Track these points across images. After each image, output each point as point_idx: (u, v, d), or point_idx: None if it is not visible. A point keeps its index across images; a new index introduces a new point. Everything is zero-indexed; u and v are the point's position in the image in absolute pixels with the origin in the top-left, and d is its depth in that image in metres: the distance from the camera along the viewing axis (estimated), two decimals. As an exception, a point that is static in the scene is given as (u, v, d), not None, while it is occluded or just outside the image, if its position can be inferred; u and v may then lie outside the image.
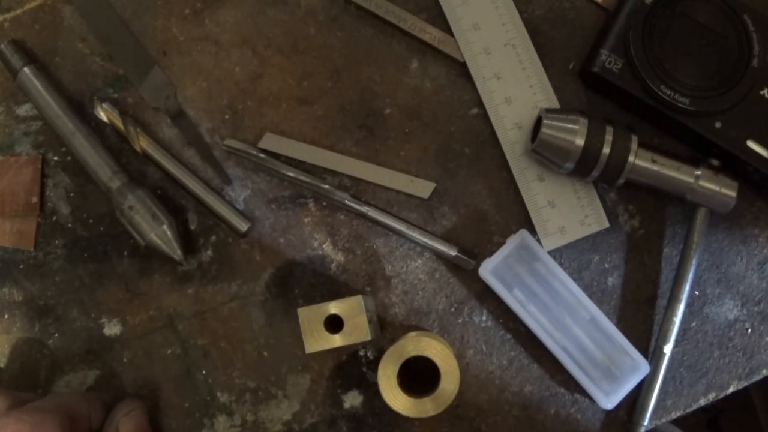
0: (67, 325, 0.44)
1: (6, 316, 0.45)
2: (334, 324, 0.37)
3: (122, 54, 0.44)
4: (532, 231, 0.44)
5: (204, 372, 0.44)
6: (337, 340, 0.36)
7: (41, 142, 0.45)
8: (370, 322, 0.37)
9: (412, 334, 0.42)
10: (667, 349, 0.43)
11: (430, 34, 0.44)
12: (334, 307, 0.36)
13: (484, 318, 0.45)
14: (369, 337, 0.36)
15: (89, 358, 0.44)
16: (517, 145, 0.44)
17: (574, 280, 0.44)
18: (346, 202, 0.43)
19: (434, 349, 0.40)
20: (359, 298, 0.36)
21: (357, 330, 0.36)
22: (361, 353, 0.44)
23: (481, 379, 0.44)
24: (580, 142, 0.40)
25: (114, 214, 0.43)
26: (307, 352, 0.36)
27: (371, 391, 0.44)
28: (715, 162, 0.43)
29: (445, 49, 0.44)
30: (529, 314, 0.43)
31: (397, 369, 0.40)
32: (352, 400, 0.44)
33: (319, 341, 0.36)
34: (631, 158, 0.41)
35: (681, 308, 0.43)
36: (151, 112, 0.45)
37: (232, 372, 0.44)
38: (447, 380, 0.40)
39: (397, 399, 0.40)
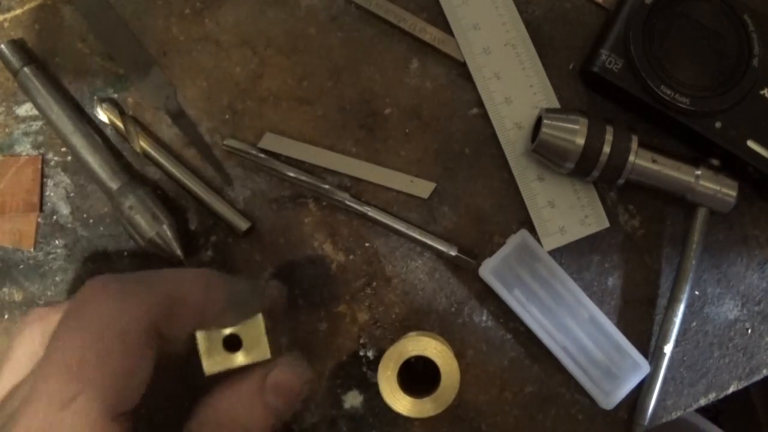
0: (67, 325, 0.44)
1: (6, 316, 0.45)
2: (233, 343, 0.35)
3: (122, 54, 0.44)
4: (532, 231, 0.44)
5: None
6: (238, 359, 0.35)
7: (41, 142, 0.45)
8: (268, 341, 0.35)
9: (412, 334, 0.42)
10: (667, 349, 0.43)
11: (430, 34, 0.44)
12: (232, 327, 0.35)
13: (484, 318, 0.45)
14: (268, 356, 0.33)
15: (89, 358, 0.44)
16: (517, 145, 0.44)
17: (575, 280, 0.43)
18: (346, 202, 0.43)
19: (434, 349, 0.40)
20: (258, 317, 0.35)
21: (257, 348, 0.35)
22: (361, 353, 0.44)
23: (481, 379, 0.44)
24: (580, 142, 0.40)
25: (114, 214, 0.43)
26: (206, 374, 0.33)
27: (371, 391, 0.44)
28: (715, 162, 0.43)
29: (445, 49, 0.44)
30: (529, 314, 0.43)
31: (397, 369, 0.40)
32: (352, 400, 0.44)
33: (219, 362, 0.35)
34: (631, 158, 0.41)
35: (681, 308, 0.43)
36: (151, 112, 0.45)
37: (232, 372, 0.44)
38: (447, 380, 0.40)
39: (397, 399, 0.40)
